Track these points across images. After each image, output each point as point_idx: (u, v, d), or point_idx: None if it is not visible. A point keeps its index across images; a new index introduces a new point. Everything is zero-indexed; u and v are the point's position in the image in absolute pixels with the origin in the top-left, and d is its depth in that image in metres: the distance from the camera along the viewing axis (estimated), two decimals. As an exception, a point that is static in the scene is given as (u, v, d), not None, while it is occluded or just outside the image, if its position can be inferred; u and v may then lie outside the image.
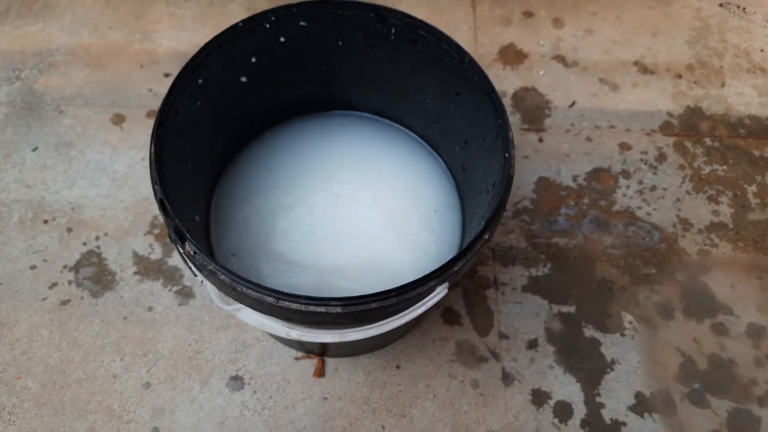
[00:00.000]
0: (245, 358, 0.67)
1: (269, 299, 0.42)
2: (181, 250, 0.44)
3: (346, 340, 0.47)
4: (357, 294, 0.42)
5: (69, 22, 0.90)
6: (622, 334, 0.70)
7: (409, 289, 0.43)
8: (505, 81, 0.87)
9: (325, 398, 0.65)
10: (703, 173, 0.81)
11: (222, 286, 0.43)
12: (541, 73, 0.88)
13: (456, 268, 0.44)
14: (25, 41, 0.88)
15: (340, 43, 0.59)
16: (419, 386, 0.66)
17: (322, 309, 0.42)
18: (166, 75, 0.86)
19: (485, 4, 0.94)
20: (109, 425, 0.63)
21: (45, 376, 0.65)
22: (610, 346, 0.70)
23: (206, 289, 0.48)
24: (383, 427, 0.64)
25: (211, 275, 0.43)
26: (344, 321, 0.43)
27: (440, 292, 0.45)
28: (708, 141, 0.84)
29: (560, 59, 0.90)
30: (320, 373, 0.66)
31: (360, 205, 0.63)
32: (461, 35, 0.91)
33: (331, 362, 0.67)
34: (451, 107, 0.59)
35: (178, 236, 0.44)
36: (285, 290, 0.42)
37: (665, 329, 0.71)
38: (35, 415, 0.63)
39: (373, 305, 0.42)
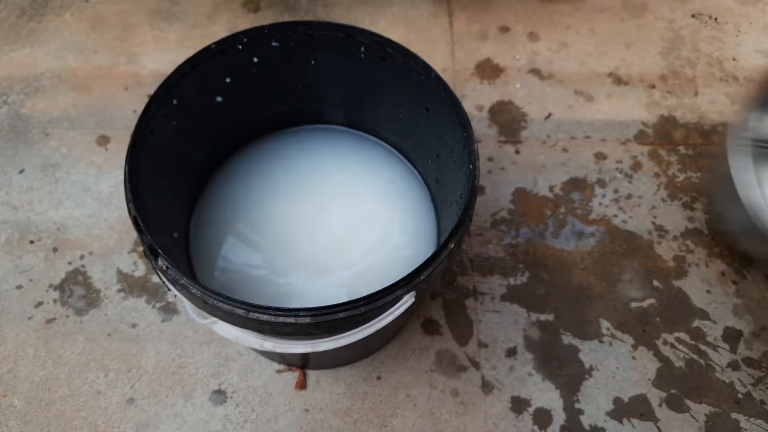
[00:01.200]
0: (228, 372, 0.68)
1: (239, 311, 0.43)
2: (155, 265, 0.45)
3: (319, 350, 0.48)
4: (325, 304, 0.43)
5: (55, 47, 0.92)
6: (600, 341, 0.71)
7: (376, 299, 0.44)
8: (483, 95, 0.89)
9: (307, 410, 0.66)
10: (677, 181, 0.83)
11: (194, 300, 0.45)
12: (518, 86, 0.90)
13: (422, 277, 0.46)
14: (12, 66, 0.90)
15: (313, 62, 0.61)
16: (400, 396, 0.67)
17: (291, 319, 0.43)
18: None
19: (462, 21, 0.97)
20: (93, 441, 0.64)
21: (30, 394, 0.66)
22: (588, 352, 0.71)
23: (184, 304, 0.49)
24: (364, 437, 0.65)
25: (183, 289, 0.44)
26: (314, 331, 0.45)
27: (407, 300, 0.46)
28: (682, 149, 0.86)
29: (536, 72, 0.92)
30: (302, 385, 0.67)
31: (337, 215, 0.64)
32: (439, 51, 0.93)
33: (312, 374, 0.68)
34: (422, 121, 0.60)
35: (152, 252, 0.45)
36: (256, 302, 0.43)
37: (642, 335, 0.72)
38: (20, 433, 0.64)
39: (341, 315, 0.43)
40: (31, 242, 0.75)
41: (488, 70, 0.92)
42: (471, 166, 0.50)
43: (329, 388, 0.68)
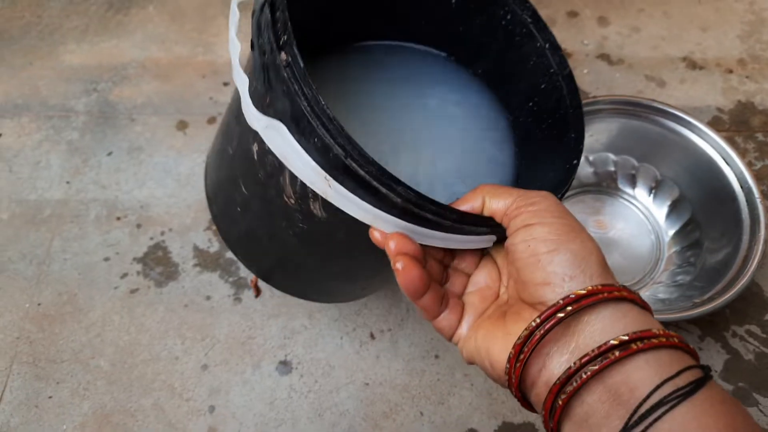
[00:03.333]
0: (293, 344, 0.71)
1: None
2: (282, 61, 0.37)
3: (377, 224, 0.40)
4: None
5: (140, 39, 0.99)
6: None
7: (467, 220, 0.40)
8: (548, 80, 0.88)
9: (367, 384, 0.69)
10: (754, 169, 0.80)
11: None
12: (585, 71, 0.89)
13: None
14: (102, 56, 0.97)
15: None
16: (457, 375, 0.69)
17: (395, 196, 0.37)
18: (225, 84, 0.92)
19: (529, 6, 0.96)
20: (171, 402, 0.69)
21: (115, 357, 0.72)
22: (652, 341, 0.69)
23: (245, 107, 0.39)
24: (422, 413, 0.67)
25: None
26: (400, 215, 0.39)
27: (485, 240, 0.41)
28: (760, 136, 0.82)
29: (605, 57, 0.90)
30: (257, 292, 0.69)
31: (424, 141, 0.57)
32: (504, 37, 0.93)
33: (372, 349, 0.71)
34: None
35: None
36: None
37: (710, 326, 0.70)
38: (106, 391, 0.70)
39: (430, 215, 0.40)
40: (118, 219, 0.82)
41: (554, 56, 0.91)
42: (573, 135, 0.48)
43: (388, 364, 0.70)
